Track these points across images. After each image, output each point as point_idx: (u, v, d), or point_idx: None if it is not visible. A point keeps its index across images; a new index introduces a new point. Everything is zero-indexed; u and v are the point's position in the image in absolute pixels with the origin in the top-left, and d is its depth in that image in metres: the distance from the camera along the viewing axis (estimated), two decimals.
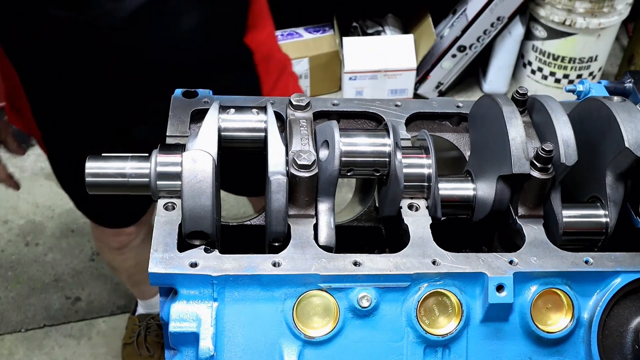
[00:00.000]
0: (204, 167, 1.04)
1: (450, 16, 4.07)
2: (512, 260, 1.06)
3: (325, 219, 1.12)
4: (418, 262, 1.05)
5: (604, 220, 1.15)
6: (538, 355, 1.08)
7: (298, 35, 4.08)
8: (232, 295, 1.01)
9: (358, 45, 3.94)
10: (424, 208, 1.15)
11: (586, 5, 3.70)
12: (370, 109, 1.29)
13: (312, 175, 1.07)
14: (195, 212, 1.03)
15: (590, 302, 1.08)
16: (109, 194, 1.13)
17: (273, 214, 1.07)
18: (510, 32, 3.95)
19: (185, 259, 1.01)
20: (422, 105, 1.32)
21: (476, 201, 1.18)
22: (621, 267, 1.07)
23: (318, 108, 1.26)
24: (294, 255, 1.04)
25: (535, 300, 1.06)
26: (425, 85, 4.09)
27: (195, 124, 1.22)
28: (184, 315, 0.99)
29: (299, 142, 1.12)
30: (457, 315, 1.05)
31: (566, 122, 1.12)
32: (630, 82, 1.45)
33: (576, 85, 1.48)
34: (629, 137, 1.07)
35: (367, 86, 3.97)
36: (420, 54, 3.97)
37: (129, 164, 1.10)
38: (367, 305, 1.02)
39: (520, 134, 1.11)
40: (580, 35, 3.82)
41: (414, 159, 1.16)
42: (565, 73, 4.01)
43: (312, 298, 1.03)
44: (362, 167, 1.14)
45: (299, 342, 1.02)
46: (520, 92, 1.19)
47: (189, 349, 1.01)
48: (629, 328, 1.09)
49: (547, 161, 1.09)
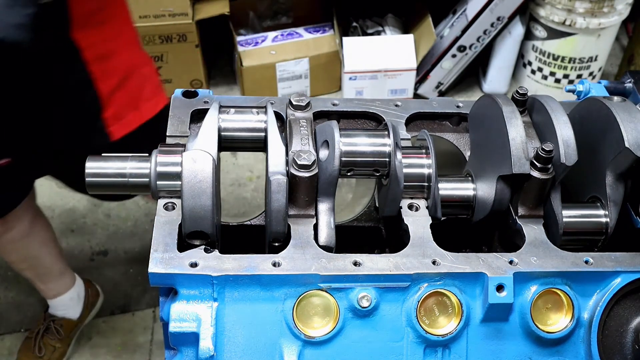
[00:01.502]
0: (204, 167, 1.04)
1: (450, 16, 4.07)
2: (512, 260, 1.06)
3: (325, 219, 1.12)
4: (418, 262, 1.05)
5: (604, 220, 1.15)
6: (538, 355, 1.08)
7: (298, 35, 4.08)
8: (232, 295, 1.01)
9: (358, 45, 3.94)
10: (424, 208, 1.15)
11: (586, 5, 3.70)
12: (370, 109, 1.29)
13: (312, 175, 1.07)
14: (195, 212, 1.03)
15: (590, 302, 1.08)
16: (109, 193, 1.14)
17: (273, 214, 1.07)
18: (510, 32, 3.95)
19: (185, 259, 1.01)
20: (422, 105, 1.32)
21: (476, 201, 1.18)
22: (621, 267, 1.07)
23: (318, 108, 1.26)
24: (294, 255, 1.04)
25: (535, 300, 1.06)
26: (425, 85, 4.09)
27: (195, 124, 1.22)
28: (184, 315, 0.99)
29: (299, 142, 1.12)
30: (457, 315, 1.05)
31: (566, 122, 1.12)
32: (630, 82, 1.45)
33: (576, 85, 1.48)
34: (629, 137, 1.07)
35: (367, 86, 3.97)
36: (420, 54, 3.97)
37: (129, 164, 1.11)
38: (367, 305, 1.02)
39: (520, 134, 1.11)
40: (580, 35, 3.82)
41: (414, 159, 1.16)
42: (565, 73, 4.00)
43: (312, 298, 1.03)
44: (362, 167, 1.14)
45: (299, 342, 1.02)
46: (520, 92, 1.19)
47: (189, 349, 1.01)
48: (629, 328, 1.09)
49: (547, 161, 1.09)
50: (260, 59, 3.96)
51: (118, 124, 2.04)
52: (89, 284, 2.99)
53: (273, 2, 4.26)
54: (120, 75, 2.01)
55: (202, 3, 3.77)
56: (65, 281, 2.81)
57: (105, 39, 1.95)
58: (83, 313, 2.94)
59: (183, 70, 3.96)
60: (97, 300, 3.02)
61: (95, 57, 1.91)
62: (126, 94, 2.04)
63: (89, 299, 2.96)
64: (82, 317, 2.94)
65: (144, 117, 2.09)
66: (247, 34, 4.13)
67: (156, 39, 3.77)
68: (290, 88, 4.09)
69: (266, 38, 4.04)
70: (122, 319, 3.08)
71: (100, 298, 3.04)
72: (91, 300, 2.98)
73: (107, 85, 1.97)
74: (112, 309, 3.12)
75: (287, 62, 3.97)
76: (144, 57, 2.16)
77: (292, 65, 3.99)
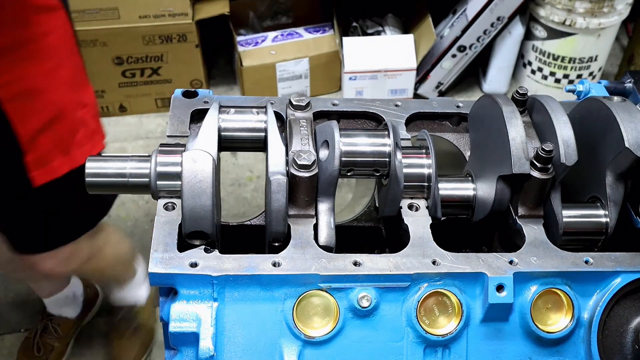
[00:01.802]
0: (204, 167, 1.04)
1: (450, 16, 4.07)
2: (512, 260, 1.06)
3: (325, 219, 1.12)
4: (418, 262, 1.05)
5: (604, 220, 1.15)
6: (538, 355, 1.08)
7: (298, 35, 4.08)
8: (232, 295, 1.01)
9: (358, 45, 3.94)
10: (424, 208, 1.15)
11: (586, 5, 3.70)
12: (370, 109, 1.29)
13: (312, 175, 1.07)
14: (195, 212, 1.03)
15: (590, 302, 1.08)
16: (109, 193, 1.13)
17: (273, 214, 1.07)
18: (510, 32, 3.95)
19: (185, 259, 1.01)
20: (422, 105, 1.32)
21: (476, 201, 1.18)
22: (621, 267, 1.07)
23: (318, 108, 1.26)
24: (294, 255, 1.04)
25: (535, 300, 1.06)
26: (425, 85, 4.09)
27: (195, 124, 1.22)
28: (184, 315, 0.99)
29: (299, 142, 1.12)
30: (457, 315, 1.05)
31: (566, 122, 1.12)
32: (630, 82, 1.45)
33: (576, 85, 1.48)
34: (629, 137, 1.07)
35: (367, 86, 3.97)
36: (420, 54, 3.97)
37: (129, 164, 1.10)
38: (367, 305, 1.02)
39: (520, 134, 1.11)
40: (580, 35, 3.82)
41: (414, 159, 1.16)
42: (565, 73, 4.00)
43: (312, 298, 1.03)
44: (362, 167, 1.14)
45: (299, 342, 1.02)
46: (520, 92, 1.19)
47: (189, 349, 1.01)
48: (629, 328, 1.09)
49: (547, 161, 1.09)
50: (260, 59, 3.96)
51: (42, 169, 1.88)
52: (88, 283, 2.98)
53: (273, 2, 4.26)
54: (46, 117, 1.85)
55: (202, 3, 3.77)
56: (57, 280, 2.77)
57: (27, 76, 1.79)
58: (81, 312, 2.93)
59: (183, 70, 3.96)
60: (96, 300, 3.01)
61: (11, 96, 1.74)
62: (53, 137, 1.88)
63: (87, 298, 2.95)
64: (80, 316, 2.93)
65: (74, 163, 1.92)
66: (247, 34, 4.13)
67: (156, 39, 3.77)
68: (290, 88, 4.09)
69: (266, 38, 4.04)
70: None
71: (99, 297, 3.03)
72: (90, 300, 2.97)
73: (27, 126, 1.82)
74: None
75: (287, 62, 3.97)
76: (83, 98, 1.97)
77: (292, 65, 3.99)
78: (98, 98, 3.93)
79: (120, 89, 3.96)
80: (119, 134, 3.94)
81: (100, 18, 3.64)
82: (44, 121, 1.85)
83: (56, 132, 1.88)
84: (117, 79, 3.90)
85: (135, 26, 3.70)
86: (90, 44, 3.72)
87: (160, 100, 4.05)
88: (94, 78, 4.03)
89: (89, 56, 3.74)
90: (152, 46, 3.80)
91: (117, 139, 3.90)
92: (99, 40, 3.71)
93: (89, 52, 3.75)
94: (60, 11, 1.84)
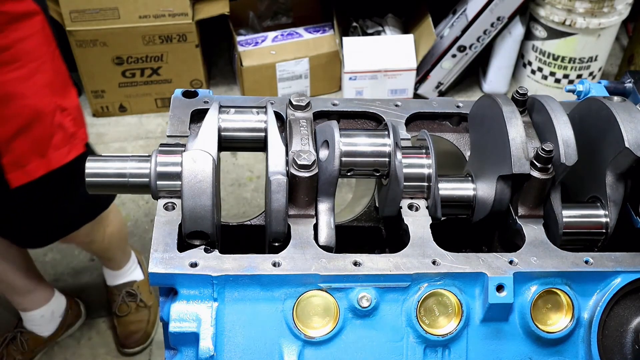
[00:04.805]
0: (204, 167, 1.04)
1: (450, 16, 4.07)
2: (512, 260, 1.06)
3: (325, 219, 1.12)
4: (418, 262, 1.05)
5: (604, 220, 1.15)
6: (538, 355, 1.08)
7: (298, 35, 4.08)
8: (232, 295, 1.01)
9: (358, 45, 3.94)
10: (424, 208, 1.15)
11: (586, 5, 3.70)
12: (370, 109, 1.29)
13: (312, 175, 1.07)
14: (196, 212, 1.03)
15: (590, 302, 1.08)
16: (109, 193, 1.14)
17: (273, 214, 1.07)
18: (510, 32, 3.95)
19: (185, 259, 1.01)
20: (422, 105, 1.32)
21: (476, 201, 1.18)
22: (621, 267, 1.07)
23: (318, 108, 1.26)
24: (294, 255, 1.04)
25: (535, 300, 1.06)
26: (425, 85, 4.09)
27: (195, 124, 1.22)
28: (184, 315, 0.99)
29: (299, 142, 1.12)
30: (457, 315, 1.05)
31: (566, 122, 1.12)
32: (630, 82, 1.45)
33: (576, 85, 1.48)
34: (629, 137, 1.07)
35: (367, 86, 3.97)
36: (420, 54, 3.97)
37: (129, 164, 1.10)
38: (367, 305, 1.02)
39: (520, 134, 1.11)
40: (580, 35, 3.82)
41: (414, 159, 1.16)
42: (565, 73, 4.00)
43: (312, 298, 1.03)
44: (362, 167, 1.14)
45: (299, 342, 1.02)
46: (520, 92, 1.19)
47: (189, 349, 1.01)
48: (629, 328, 1.09)
49: (547, 161, 1.09)
50: (260, 59, 3.96)
51: (19, 171, 1.93)
52: (73, 304, 2.92)
53: (273, 2, 4.26)
54: (22, 121, 1.88)
55: (202, 3, 3.77)
56: (33, 298, 2.73)
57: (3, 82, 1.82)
58: (55, 332, 2.86)
59: (183, 70, 3.96)
60: (75, 322, 2.95)
61: None
62: (30, 140, 1.91)
63: (66, 319, 2.89)
64: (53, 335, 2.86)
65: (51, 165, 1.97)
66: (247, 34, 4.13)
67: (156, 39, 3.78)
68: (290, 88, 4.09)
69: (266, 38, 4.05)
70: None
71: (80, 320, 2.97)
72: (69, 322, 2.91)
73: (4, 129, 1.86)
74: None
75: (287, 62, 3.97)
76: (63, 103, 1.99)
77: (292, 65, 4.00)
78: (98, 98, 3.96)
79: (120, 89, 3.96)
80: (119, 134, 3.94)
81: (100, 18, 3.64)
82: (21, 125, 1.87)
83: (33, 136, 1.91)
84: (117, 79, 3.91)
85: (135, 26, 3.70)
86: (90, 44, 3.72)
87: (160, 100, 4.05)
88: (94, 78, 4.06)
89: (89, 56, 3.78)
90: (152, 46, 3.80)
91: (117, 139, 3.90)
92: (99, 40, 3.72)
93: (89, 52, 3.76)
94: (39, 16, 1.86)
